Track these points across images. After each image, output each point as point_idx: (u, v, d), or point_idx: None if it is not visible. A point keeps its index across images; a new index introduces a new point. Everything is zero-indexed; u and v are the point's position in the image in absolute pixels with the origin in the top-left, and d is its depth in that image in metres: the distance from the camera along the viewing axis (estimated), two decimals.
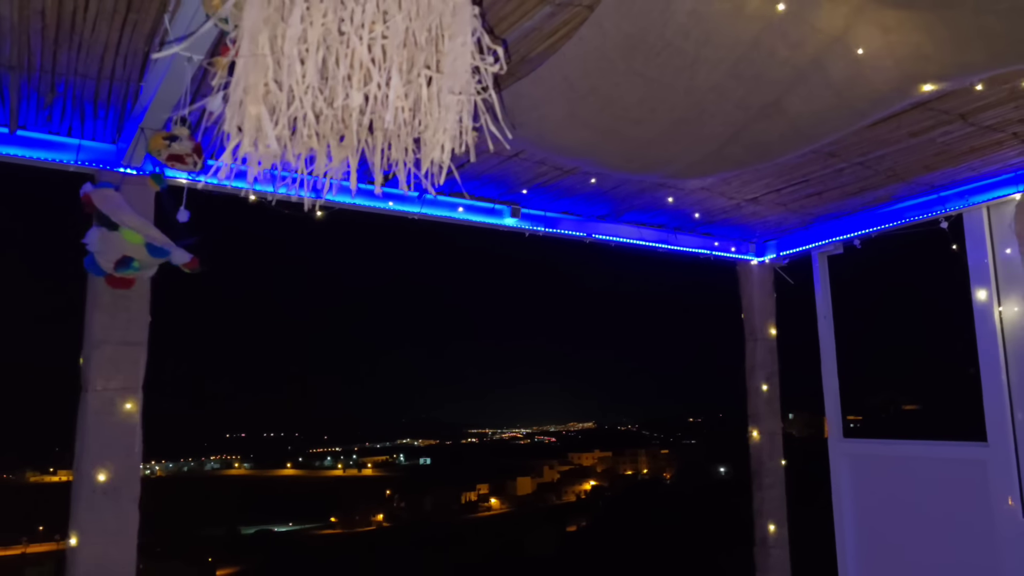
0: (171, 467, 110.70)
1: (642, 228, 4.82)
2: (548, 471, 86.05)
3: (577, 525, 47.23)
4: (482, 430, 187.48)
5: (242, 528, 60.69)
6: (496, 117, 1.54)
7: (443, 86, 1.39)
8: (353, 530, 61.65)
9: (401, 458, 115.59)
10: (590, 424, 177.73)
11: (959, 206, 4.27)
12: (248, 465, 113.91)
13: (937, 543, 4.46)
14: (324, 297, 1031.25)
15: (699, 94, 2.30)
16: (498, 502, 75.29)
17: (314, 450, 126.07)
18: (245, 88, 1.30)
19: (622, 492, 53.42)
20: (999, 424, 4.17)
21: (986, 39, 1.99)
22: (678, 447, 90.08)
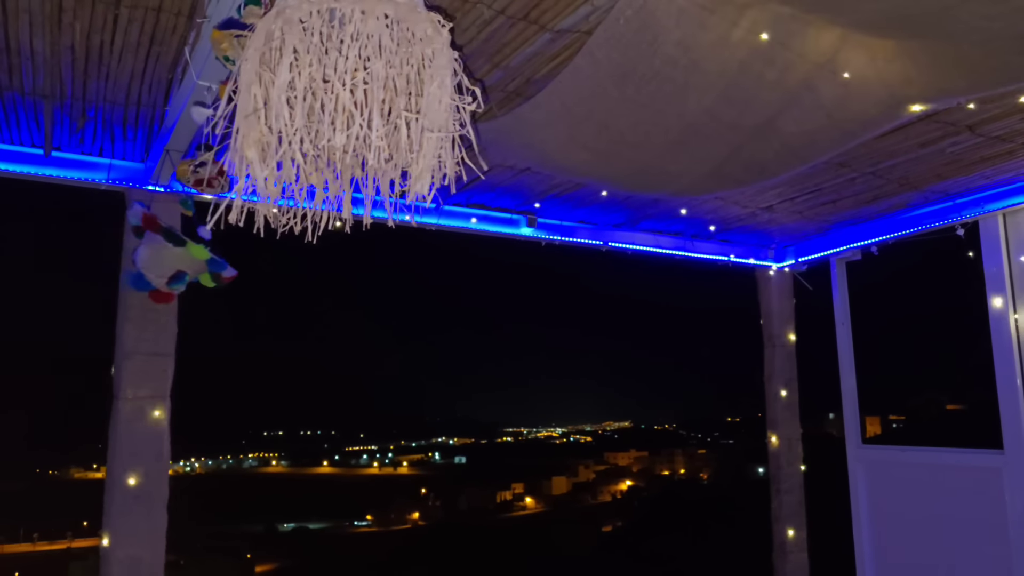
0: (210, 464, 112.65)
1: (659, 236, 4.89)
2: (583, 471, 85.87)
3: (612, 525, 47.18)
4: (517, 429, 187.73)
5: (280, 525, 61.56)
6: (473, 148, 1.63)
7: (422, 125, 1.49)
8: (389, 528, 62.18)
9: (436, 456, 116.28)
10: (626, 423, 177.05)
11: (974, 213, 4.28)
12: (285, 463, 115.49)
13: (952, 549, 4.46)
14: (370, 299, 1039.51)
15: (692, 117, 2.37)
16: (533, 501, 75.34)
17: (350, 448, 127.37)
18: (241, 134, 1.43)
19: (658, 492, 53.19)
20: (1015, 432, 4.17)
21: (964, 66, 2.04)
22: (716, 447, 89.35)
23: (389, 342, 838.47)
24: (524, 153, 2.85)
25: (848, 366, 5.15)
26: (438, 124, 1.50)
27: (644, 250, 4.82)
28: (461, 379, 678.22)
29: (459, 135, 1.68)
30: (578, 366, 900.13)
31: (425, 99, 1.48)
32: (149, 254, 3.32)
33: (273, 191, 1.59)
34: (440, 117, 1.51)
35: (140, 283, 3.35)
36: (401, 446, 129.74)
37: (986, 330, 4.33)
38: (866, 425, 20.01)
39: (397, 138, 1.50)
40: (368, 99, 1.43)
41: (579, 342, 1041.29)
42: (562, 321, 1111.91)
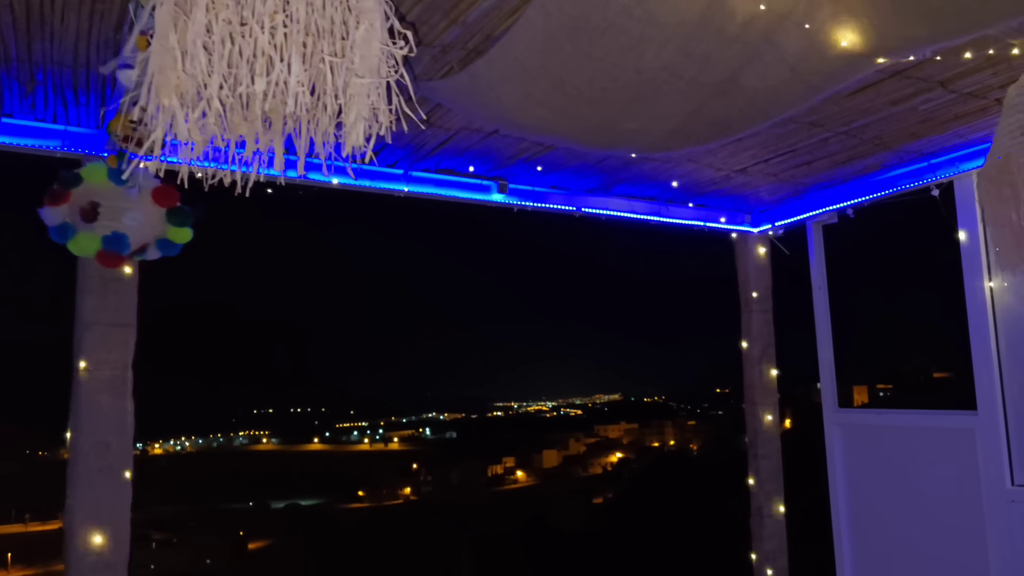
0: (201, 443, 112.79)
1: (633, 201, 4.83)
2: (574, 444, 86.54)
3: (603, 497, 47.57)
4: (508, 403, 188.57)
5: (272, 502, 61.82)
6: (411, 99, 1.56)
7: (350, 71, 1.43)
8: (381, 504, 62.54)
9: (427, 432, 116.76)
10: (616, 396, 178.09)
11: (950, 173, 4.23)
12: (276, 440, 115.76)
13: (927, 509, 4.48)
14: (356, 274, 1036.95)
15: (650, 73, 2.30)
16: (524, 475, 75.93)
17: (341, 425, 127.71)
18: (157, 80, 1.36)
19: (649, 464, 53.62)
20: (988, 393, 4.16)
21: (926, 14, 1.98)
22: (705, 418, 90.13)
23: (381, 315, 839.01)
24: (483, 112, 2.78)
25: (825, 331, 5.13)
26: (367, 70, 1.43)
27: (618, 215, 4.77)
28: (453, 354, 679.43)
29: (395, 85, 1.61)
30: (569, 338, 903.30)
31: (351, 43, 1.40)
32: (142, 219, 3.31)
33: (198, 141, 1.52)
34: (370, 63, 1.44)
35: (122, 244, 3.31)
36: (392, 422, 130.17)
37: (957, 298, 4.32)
38: (854, 394, 20.15)
39: (323, 84, 1.43)
40: (288, 42, 1.36)
41: (569, 314, 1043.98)
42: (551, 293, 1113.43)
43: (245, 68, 1.37)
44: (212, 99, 1.38)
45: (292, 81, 1.37)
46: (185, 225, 3.51)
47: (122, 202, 3.37)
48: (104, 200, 3.33)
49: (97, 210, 3.32)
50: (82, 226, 3.30)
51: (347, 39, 1.41)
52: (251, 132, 1.70)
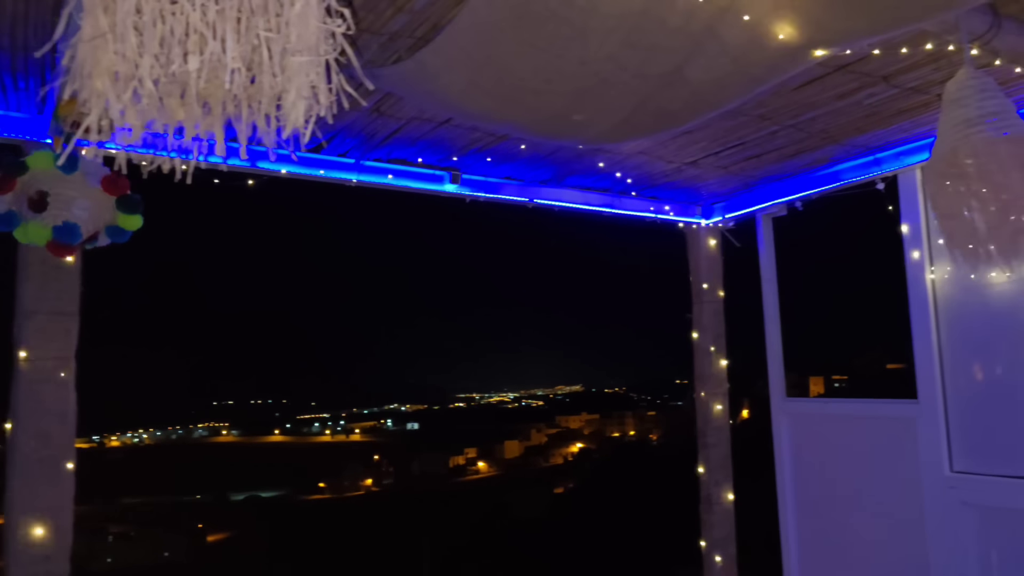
0: (159, 435, 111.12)
1: (587, 192, 4.85)
2: (535, 434, 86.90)
3: (564, 487, 47.91)
4: (470, 395, 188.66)
5: (231, 495, 61.18)
6: (352, 79, 1.55)
7: (286, 49, 1.41)
8: (342, 495, 62.25)
9: (389, 423, 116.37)
10: (578, 387, 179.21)
11: (894, 167, 4.33)
12: (236, 432, 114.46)
13: (869, 495, 4.60)
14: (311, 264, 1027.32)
15: (596, 64, 2.31)
16: (486, 466, 76.09)
17: (302, 416, 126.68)
18: (88, 62, 1.34)
19: (609, 454, 54.08)
20: (929, 383, 4.27)
21: (862, 7, 2.02)
22: (665, 409, 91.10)
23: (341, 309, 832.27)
24: (431, 101, 2.77)
25: (773, 322, 5.21)
26: (305, 48, 1.42)
27: (571, 207, 4.79)
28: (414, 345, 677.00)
29: (337, 65, 1.59)
30: (532, 330, 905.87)
31: (286, 19, 1.39)
32: (93, 208, 3.24)
33: (134, 125, 1.50)
34: (307, 41, 1.42)
35: (75, 235, 3.23)
36: (353, 413, 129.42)
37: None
38: (810, 385, 20.56)
39: (260, 63, 1.41)
40: (222, 19, 1.34)
41: (532, 305, 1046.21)
42: (512, 282, 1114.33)
43: (177, 47, 1.35)
44: (145, 80, 1.36)
45: (227, 58, 1.36)
46: (135, 213, 3.43)
47: (71, 191, 3.29)
48: (53, 189, 3.25)
49: (46, 199, 3.24)
50: (29, 215, 3.22)
51: (282, 16, 1.39)
52: (190, 117, 1.68)
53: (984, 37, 2.69)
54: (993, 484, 3.99)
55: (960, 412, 4.18)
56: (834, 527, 4.81)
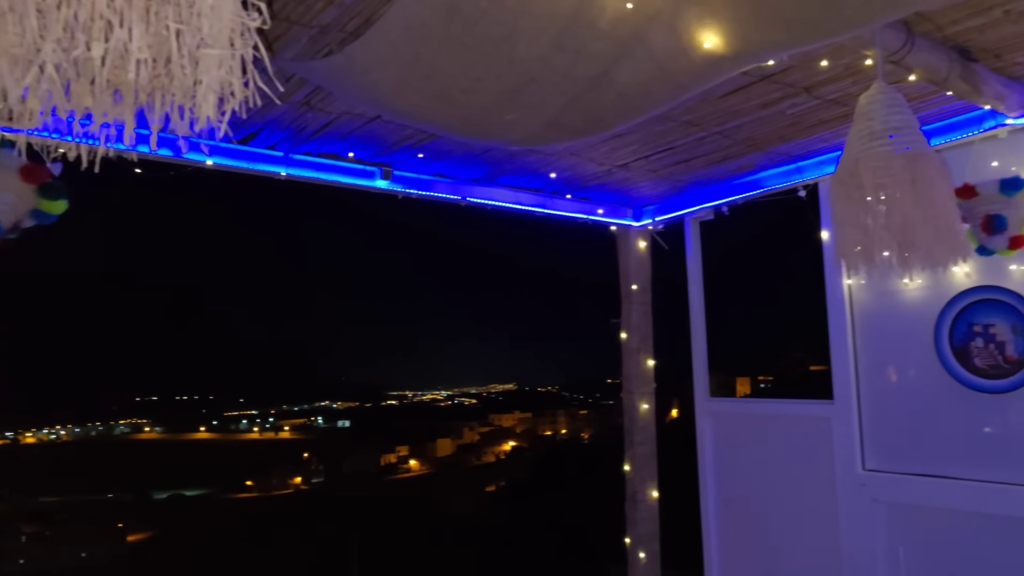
0: (78, 432, 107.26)
1: (518, 192, 4.88)
2: (468, 432, 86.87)
3: (496, 485, 48.04)
4: (403, 392, 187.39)
5: (154, 493, 59.52)
6: (267, 73, 1.52)
7: (199, 41, 1.38)
8: (270, 493, 61.14)
9: (319, 420, 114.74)
10: (511, 386, 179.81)
11: (815, 176, 4.46)
12: (160, 429, 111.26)
13: (786, 492, 4.75)
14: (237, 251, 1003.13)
15: (525, 64, 2.33)
16: (418, 464, 75.72)
17: (229, 413, 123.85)
18: None
19: (541, 453, 54.43)
20: (844, 384, 4.43)
21: (782, 20, 2.09)
22: (597, 407, 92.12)
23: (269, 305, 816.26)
24: (361, 96, 2.75)
25: (699, 322, 5.33)
26: (218, 40, 1.39)
27: (504, 206, 4.80)
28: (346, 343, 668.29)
29: (253, 59, 1.56)
30: (465, 328, 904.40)
31: (198, 11, 1.36)
32: (14, 201, 3.11)
33: (35, 110, 1.44)
34: (221, 33, 1.39)
35: None
36: (283, 411, 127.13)
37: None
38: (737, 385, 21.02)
39: (169, 53, 1.37)
40: (129, 7, 1.30)
41: (465, 304, 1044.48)
42: (447, 284, 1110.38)
43: (81, 33, 1.30)
44: (47, 65, 1.31)
45: (133, 47, 1.32)
46: (59, 199, 3.31)
47: None
48: None
49: None
50: None
51: (194, 7, 1.36)
52: (98, 105, 1.62)
53: (898, 53, 2.81)
54: (901, 482, 4.16)
55: (872, 413, 4.35)
56: (753, 523, 4.95)
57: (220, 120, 1.61)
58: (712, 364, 5.38)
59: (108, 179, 2.25)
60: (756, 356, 49.06)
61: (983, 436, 3.86)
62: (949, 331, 3.98)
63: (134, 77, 1.34)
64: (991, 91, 3.22)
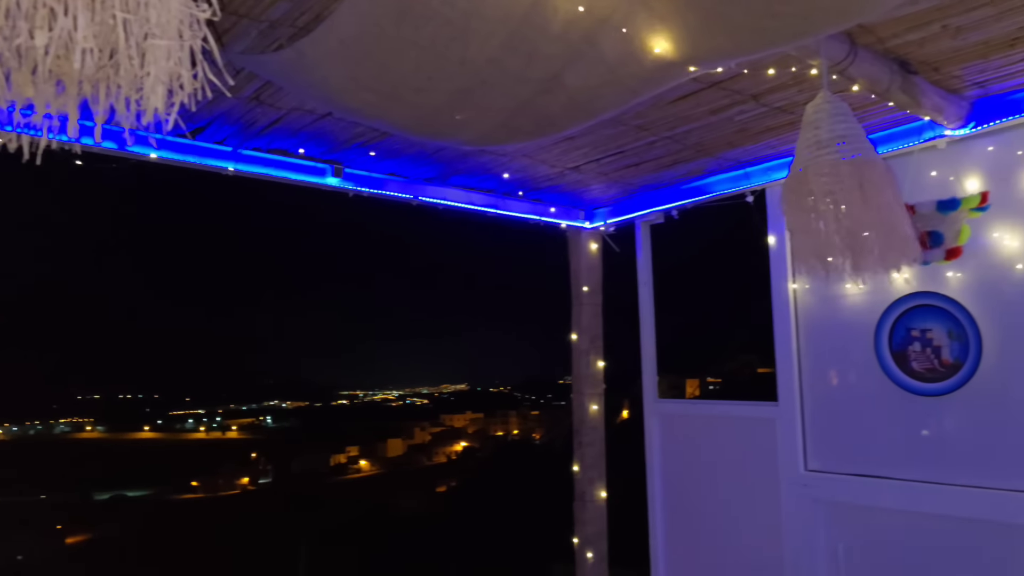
0: (15, 430, 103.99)
1: (471, 192, 4.87)
2: (419, 432, 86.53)
3: (447, 486, 47.87)
4: (353, 392, 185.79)
5: (95, 494, 58.04)
6: (217, 65, 1.50)
7: (146, 31, 1.35)
8: (216, 494, 60.07)
9: (268, 420, 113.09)
10: (463, 386, 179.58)
11: (762, 181, 4.55)
12: (102, 428, 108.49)
13: (731, 492, 4.83)
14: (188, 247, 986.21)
15: (476, 66, 2.33)
16: (368, 464, 75.18)
17: (175, 412, 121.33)
18: None
19: (492, 453, 54.41)
20: (788, 386, 4.53)
21: (728, 28, 2.13)
22: (549, 408, 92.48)
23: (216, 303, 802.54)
24: (311, 92, 2.72)
25: (648, 324, 5.39)
26: (165, 32, 1.36)
27: (456, 206, 4.80)
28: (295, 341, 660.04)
29: (202, 51, 1.53)
30: (418, 328, 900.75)
31: (146, 1, 1.33)
32: None
33: None
34: (168, 24, 1.36)
35: None
36: (231, 410, 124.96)
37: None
38: (687, 387, 21.36)
39: (115, 44, 1.34)
40: None
41: (419, 303, 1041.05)
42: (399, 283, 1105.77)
43: (24, 21, 1.26)
44: None
45: (78, 36, 1.28)
46: None
47: None
48: None
49: None
50: None
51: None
52: (40, 94, 1.58)
53: (842, 64, 2.88)
54: (841, 482, 4.27)
55: (814, 414, 4.45)
56: (698, 523, 5.03)
57: (168, 112, 1.58)
58: (662, 366, 5.44)
59: (47, 170, 2.19)
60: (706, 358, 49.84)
61: (920, 438, 3.97)
62: (889, 335, 4.09)
63: (79, 67, 1.31)
64: (930, 103, 3.33)
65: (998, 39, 2.97)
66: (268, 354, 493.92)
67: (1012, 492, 3.61)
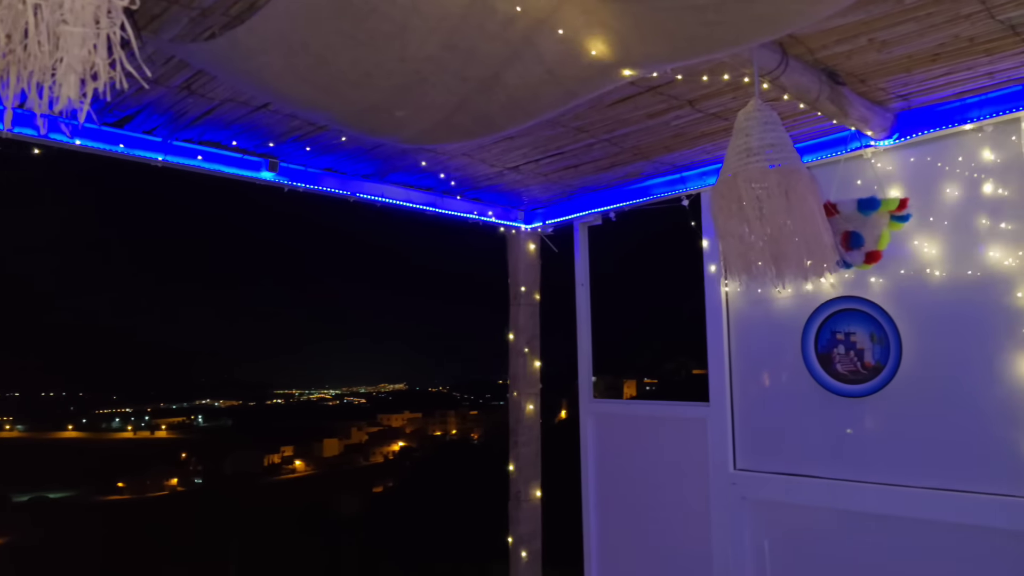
0: None
1: (409, 190, 4.84)
2: (356, 432, 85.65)
3: (383, 486, 47.45)
4: (289, 391, 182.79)
5: (13, 496, 55.81)
6: (134, 55, 1.45)
7: (59, 17, 1.30)
8: (143, 495, 58.41)
9: (200, 420, 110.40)
10: (401, 386, 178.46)
11: (697, 186, 4.63)
12: (22, 427, 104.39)
13: (664, 491, 4.91)
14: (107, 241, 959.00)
15: (416, 63, 2.32)
16: (303, 464, 74.09)
17: (101, 411, 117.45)
18: None
19: (430, 453, 54.15)
20: (719, 387, 4.62)
21: (662, 34, 2.16)
22: (487, 408, 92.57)
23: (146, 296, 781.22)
24: (245, 82, 2.66)
25: (585, 325, 5.44)
26: (80, 18, 1.32)
27: (394, 203, 4.76)
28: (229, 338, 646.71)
29: (122, 41, 1.49)
30: (357, 326, 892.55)
31: None
32: None
33: None
34: (84, 10, 1.32)
35: None
36: (160, 409, 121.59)
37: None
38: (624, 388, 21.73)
39: (24, 29, 1.29)
40: None
41: (359, 302, 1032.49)
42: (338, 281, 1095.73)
43: None
44: None
45: None
46: None
47: None
48: None
49: None
50: None
51: None
52: None
53: (773, 73, 2.95)
54: (768, 480, 4.38)
55: (744, 414, 4.55)
56: (631, 521, 5.10)
57: (82, 101, 1.53)
58: (601, 367, 5.50)
59: None
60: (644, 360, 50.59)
61: (843, 437, 4.10)
62: (815, 338, 4.21)
63: None
64: (856, 113, 3.43)
65: (921, 54, 3.09)
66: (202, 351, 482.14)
67: (928, 490, 3.76)
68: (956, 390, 3.72)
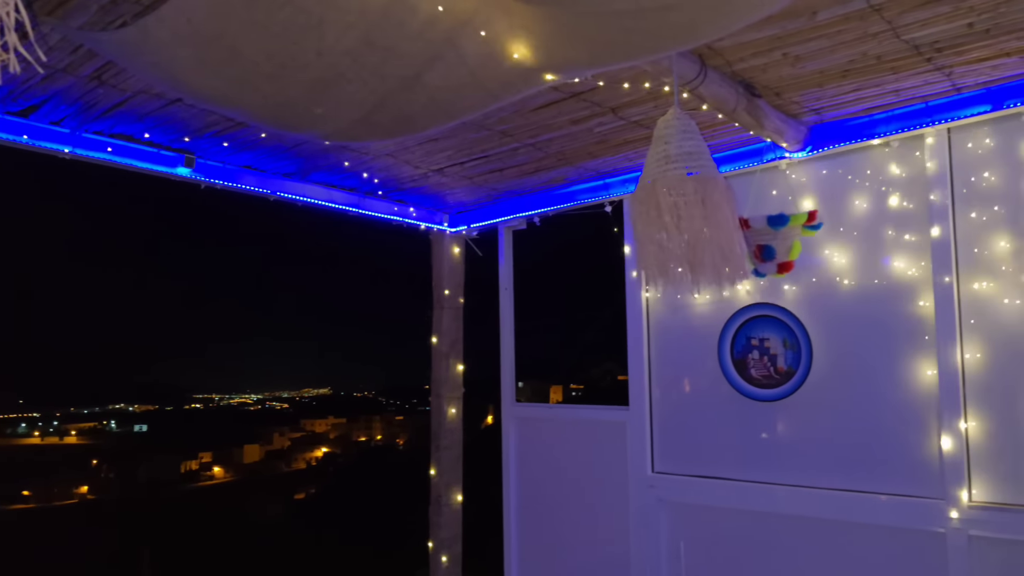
0: None
1: (332, 190, 4.76)
2: (278, 438, 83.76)
3: (306, 492, 46.56)
4: (208, 395, 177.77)
5: None
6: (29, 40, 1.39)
7: None
8: (50, 503, 55.86)
9: (113, 425, 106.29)
10: (326, 390, 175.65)
11: (620, 193, 4.69)
12: None
13: (584, 493, 4.96)
14: None
15: (333, 57, 2.28)
16: (222, 471, 72.10)
17: (5, 415, 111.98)
18: None
19: (354, 459, 53.40)
20: (638, 391, 4.69)
21: (583, 39, 2.18)
22: (414, 413, 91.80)
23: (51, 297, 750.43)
24: (156, 74, 2.57)
25: (508, 329, 5.45)
26: None
27: (315, 203, 4.67)
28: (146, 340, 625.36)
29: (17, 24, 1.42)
30: (278, 332, 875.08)
31: None
32: None
33: None
34: None
35: None
36: (70, 413, 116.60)
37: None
38: (551, 393, 21.96)
39: None
40: None
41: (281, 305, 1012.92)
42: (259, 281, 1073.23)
43: None
44: None
45: None
46: None
47: None
48: None
49: None
50: None
51: None
52: None
53: (692, 83, 3.01)
54: (685, 483, 4.46)
55: (662, 418, 4.62)
56: (551, 524, 5.12)
57: None
58: (528, 371, 5.51)
59: None
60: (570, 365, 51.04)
61: (756, 441, 4.21)
62: (731, 343, 4.31)
63: None
64: (772, 125, 3.53)
65: (832, 69, 3.20)
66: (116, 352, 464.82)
67: (835, 491, 3.89)
68: (862, 394, 3.87)
